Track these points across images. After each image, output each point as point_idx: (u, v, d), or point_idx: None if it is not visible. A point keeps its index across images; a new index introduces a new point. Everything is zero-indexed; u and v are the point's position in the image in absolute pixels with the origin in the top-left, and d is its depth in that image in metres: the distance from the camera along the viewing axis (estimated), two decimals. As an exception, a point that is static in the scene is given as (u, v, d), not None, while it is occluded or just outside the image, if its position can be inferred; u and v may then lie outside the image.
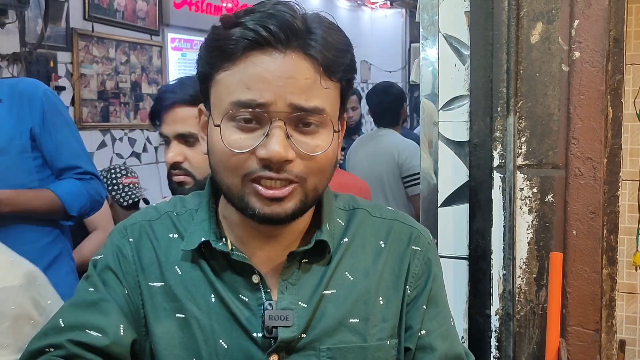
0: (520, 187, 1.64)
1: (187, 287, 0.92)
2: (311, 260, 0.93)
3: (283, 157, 0.82)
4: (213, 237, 0.92)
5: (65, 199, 1.86)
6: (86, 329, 0.90)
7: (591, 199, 1.56)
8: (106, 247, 0.97)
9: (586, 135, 1.55)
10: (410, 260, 0.98)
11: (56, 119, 1.88)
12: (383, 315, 0.94)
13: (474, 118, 1.69)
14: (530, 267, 1.65)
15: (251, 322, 0.90)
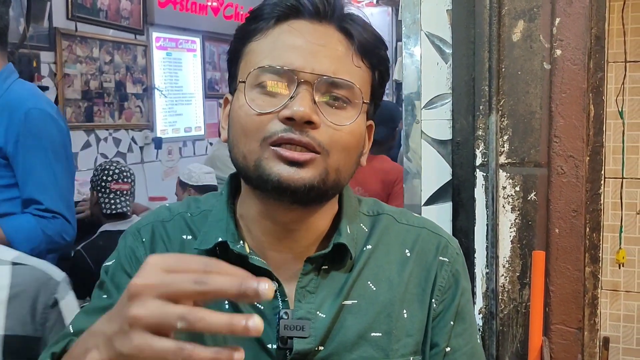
0: (503, 186, 1.64)
1: None
2: (331, 267, 0.88)
3: (307, 115, 0.78)
4: (231, 238, 0.87)
5: (13, 238, 1.67)
6: None
7: (573, 197, 1.56)
8: (119, 249, 0.94)
9: (568, 133, 1.55)
10: (437, 271, 0.92)
11: (31, 142, 1.70)
12: (407, 329, 0.89)
13: (457, 116, 1.68)
14: (513, 266, 1.65)
15: (266, 332, 0.84)
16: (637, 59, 2.01)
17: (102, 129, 4.43)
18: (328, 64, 0.81)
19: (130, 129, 4.71)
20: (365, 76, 0.86)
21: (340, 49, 0.83)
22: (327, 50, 0.82)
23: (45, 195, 1.72)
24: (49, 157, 1.73)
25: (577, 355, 1.55)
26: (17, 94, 1.72)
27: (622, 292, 2.11)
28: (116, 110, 4.57)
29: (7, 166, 1.69)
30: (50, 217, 1.72)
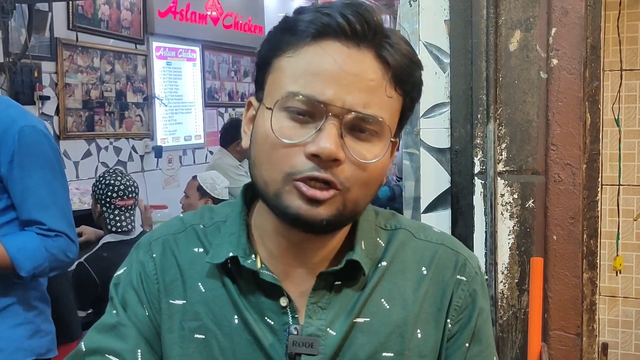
0: (501, 193, 1.66)
1: (209, 306, 0.87)
2: (344, 283, 0.86)
3: (334, 154, 0.76)
4: (242, 252, 0.85)
5: (16, 257, 1.63)
6: (106, 354, 0.87)
7: (571, 204, 1.58)
8: (131, 262, 0.93)
9: (565, 142, 1.57)
10: (453, 290, 0.89)
11: (28, 161, 1.65)
12: (420, 350, 0.86)
13: (455, 125, 1.70)
14: (512, 272, 1.67)
15: (275, 348, 0.84)
16: (633, 67, 2.04)
17: (102, 137, 4.46)
18: (359, 97, 0.77)
19: (130, 138, 4.73)
20: (395, 105, 0.82)
21: (374, 79, 0.78)
22: (360, 81, 0.78)
23: (46, 214, 1.68)
24: (47, 175, 1.69)
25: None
26: (4, 113, 1.66)
27: (620, 298, 2.13)
28: (117, 119, 4.59)
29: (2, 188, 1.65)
30: (54, 236, 1.69)
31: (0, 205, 1.66)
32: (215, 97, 5.81)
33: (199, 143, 5.59)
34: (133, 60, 4.73)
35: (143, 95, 4.85)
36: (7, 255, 1.62)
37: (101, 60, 4.40)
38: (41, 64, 3.82)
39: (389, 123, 0.80)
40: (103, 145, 4.46)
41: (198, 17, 5.42)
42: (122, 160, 4.64)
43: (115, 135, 4.56)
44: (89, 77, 4.28)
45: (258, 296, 0.86)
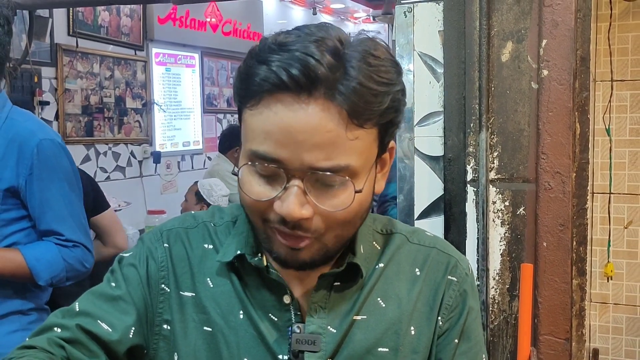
0: (493, 201, 1.69)
1: (217, 301, 0.91)
2: (343, 284, 0.91)
3: (297, 217, 0.78)
4: (249, 251, 0.90)
5: (34, 266, 1.66)
6: (99, 320, 0.90)
7: (560, 211, 1.61)
8: (137, 247, 0.97)
9: (555, 150, 1.60)
10: (445, 290, 0.93)
11: (47, 175, 1.68)
12: (414, 346, 0.91)
13: (448, 134, 1.74)
14: (503, 278, 1.70)
15: (278, 343, 0.88)
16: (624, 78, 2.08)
17: (101, 143, 4.49)
18: (317, 153, 0.76)
19: (129, 143, 4.76)
20: (366, 140, 0.80)
21: (332, 129, 0.76)
22: (316, 135, 0.76)
23: (65, 225, 1.71)
24: (65, 188, 1.72)
25: (565, 365, 1.60)
26: (22, 126, 1.68)
27: (611, 304, 2.16)
28: (116, 124, 4.63)
29: (18, 199, 1.68)
30: (71, 246, 1.73)
31: (15, 215, 1.69)
32: (214, 103, 5.85)
33: (198, 149, 5.62)
34: (132, 66, 4.77)
35: (142, 101, 4.89)
36: (27, 265, 1.65)
37: (101, 66, 4.44)
38: (41, 69, 3.86)
39: (359, 164, 0.79)
40: (102, 151, 4.49)
41: (197, 24, 5.46)
42: (120, 165, 4.67)
43: (114, 140, 4.60)
44: (88, 82, 4.32)
45: (263, 293, 0.90)
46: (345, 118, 0.76)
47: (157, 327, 0.93)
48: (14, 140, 1.65)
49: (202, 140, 5.66)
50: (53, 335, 0.90)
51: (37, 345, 0.89)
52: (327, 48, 0.76)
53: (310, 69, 0.74)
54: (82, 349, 0.90)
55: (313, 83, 0.75)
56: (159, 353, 0.93)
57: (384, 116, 0.80)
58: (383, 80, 0.78)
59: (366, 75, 0.77)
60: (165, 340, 0.93)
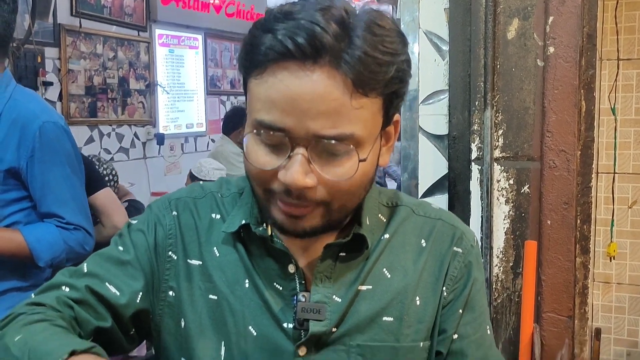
0: (497, 179, 1.69)
1: (223, 270, 0.92)
2: (349, 255, 0.91)
3: (301, 186, 0.78)
4: (254, 221, 0.91)
5: (35, 247, 1.66)
6: (107, 282, 0.91)
7: (565, 190, 1.61)
8: (145, 214, 0.97)
9: (560, 129, 1.60)
10: (450, 261, 0.94)
11: (49, 157, 1.66)
12: (419, 316, 0.92)
13: (453, 112, 1.73)
14: (507, 256, 1.70)
15: (283, 312, 0.89)
16: (630, 57, 2.07)
17: (105, 124, 4.48)
18: (323, 121, 0.76)
19: (133, 125, 4.76)
20: (370, 109, 0.80)
21: (337, 97, 0.76)
22: (321, 103, 0.76)
23: (66, 209, 1.71)
24: (66, 170, 1.71)
25: (568, 342, 1.61)
26: (25, 107, 1.67)
27: (614, 284, 2.16)
28: (119, 105, 4.62)
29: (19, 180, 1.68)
30: (72, 229, 1.72)
31: (15, 196, 1.69)
32: (217, 85, 5.83)
33: (201, 131, 5.62)
34: (136, 47, 4.76)
35: (145, 82, 4.88)
36: (27, 245, 1.65)
37: (104, 47, 4.42)
38: (44, 49, 3.85)
39: (364, 133, 0.79)
40: (105, 132, 4.49)
41: (201, 5, 5.43)
42: (124, 147, 4.67)
43: (117, 121, 4.59)
44: (91, 63, 4.30)
45: (268, 262, 0.91)
46: (350, 87, 0.76)
47: (163, 294, 0.94)
48: (16, 122, 1.64)
49: (205, 122, 5.66)
50: (62, 294, 0.90)
51: (46, 302, 0.89)
52: (333, 17, 0.76)
53: (316, 37, 0.75)
54: (89, 310, 0.90)
55: (318, 51, 0.75)
56: (164, 319, 0.94)
57: (388, 86, 0.80)
58: (388, 50, 0.78)
59: (371, 44, 0.77)
60: (171, 306, 0.94)
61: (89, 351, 0.78)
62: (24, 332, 0.82)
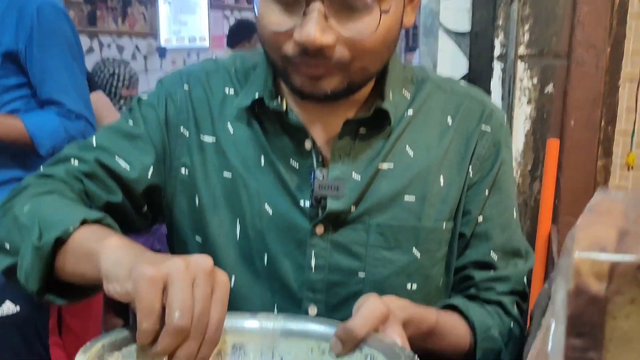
0: (520, 78, 1.62)
1: (237, 147, 0.87)
2: (369, 132, 0.85)
3: (318, 43, 0.73)
4: (268, 94, 0.85)
5: (36, 135, 1.62)
6: (116, 156, 0.87)
7: (592, 88, 1.54)
8: (156, 89, 0.92)
9: (591, 21, 1.52)
10: (477, 140, 0.88)
11: (48, 41, 1.60)
12: (442, 196, 0.87)
13: (477, 6, 1.64)
14: (525, 159, 1.65)
15: (300, 189, 0.84)
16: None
17: (105, 34, 4.36)
18: None
19: (134, 36, 4.63)
20: None
21: None
22: None
23: (66, 95, 1.66)
24: (67, 56, 1.65)
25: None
26: None
27: (629, 196, 2.13)
28: (119, 16, 4.48)
29: (18, 65, 1.62)
30: (74, 118, 1.67)
31: (15, 81, 1.64)
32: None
33: (204, 45, 5.48)
34: (136, -46, 4.58)
35: (146, -9, 4.72)
36: (27, 133, 1.61)
37: (104, -48, 4.25)
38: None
39: None
40: (105, 43, 4.37)
41: None
42: (125, 59, 4.56)
43: (118, 32, 4.47)
44: (91, -32, 4.15)
45: (283, 139, 0.86)
46: None
47: (175, 171, 0.89)
48: (13, 3, 1.58)
49: (208, 37, 5.51)
50: (70, 166, 0.86)
51: (55, 174, 0.85)
52: None
53: None
54: (99, 184, 0.87)
55: None
56: (177, 196, 0.90)
57: None
58: None
59: None
60: (183, 184, 0.89)
61: (100, 222, 0.74)
62: (33, 203, 0.78)
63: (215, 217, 0.87)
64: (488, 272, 0.90)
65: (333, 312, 0.86)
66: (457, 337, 0.84)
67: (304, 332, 0.71)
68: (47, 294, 0.73)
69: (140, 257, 0.62)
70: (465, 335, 0.85)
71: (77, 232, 0.71)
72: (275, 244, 0.85)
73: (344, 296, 0.85)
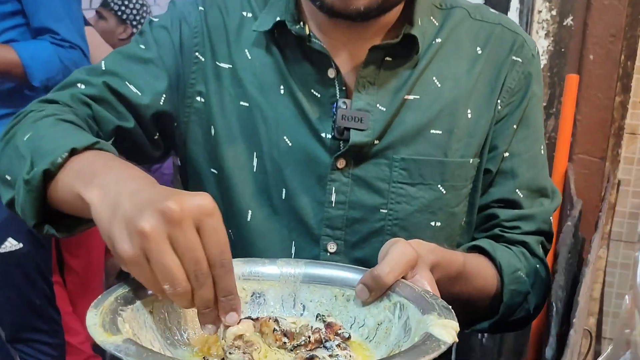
0: (539, 9, 1.55)
1: (255, 74, 0.82)
2: (396, 60, 0.81)
3: None
4: (290, 17, 0.80)
5: (29, 64, 1.55)
6: (127, 81, 0.82)
7: (613, 21, 1.48)
8: (169, 10, 0.87)
9: (615, -50, 1.44)
10: (508, 71, 0.85)
11: None
12: (469, 130, 0.83)
13: None
14: (540, 95, 1.60)
15: (321, 120, 0.80)
16: None
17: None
18: None
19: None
20: None
21: None
22: None
23: (60, 24, 1.59)
24: None
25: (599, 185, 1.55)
26: None
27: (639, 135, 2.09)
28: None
29: None
30: (68, 47, 1.61)
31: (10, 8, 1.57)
32: None
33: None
34: None
35: None
36: (21, 62, 1.55)
37: None
38: None
39: None
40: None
41: None
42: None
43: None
44: None
45: (305, 66, 0.81)
46: None
47: (189, 99, 0.85)
48: None
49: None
50: (77, 91, 0.82)
51: (59, 99, 0.80)
52: None
53: None
54: (109, 108, 0.82)
55: None
56: (191, 126, 0.85)
57: None
58: None
59: None
60: (198, 113, 0.85)
61: (92, 147, 0.67)
62: (32, 130, 0.74)
63: (230, 149, 0.83)
64: (513, 210, 0.87)
65: (353, 249, 0.83)
66: (485, 280, 0.82)
67: (327, 278, 0.68)
68: (46, 227, 0.69)
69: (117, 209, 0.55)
70: (493, 278, 0.83)
71: (69, 162, 0.65)
72: (293, 178, 0.82)
73: (365, 233, 0.82)
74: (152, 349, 0.52)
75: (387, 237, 0.82)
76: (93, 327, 0.51)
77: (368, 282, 0.63)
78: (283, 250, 0.83)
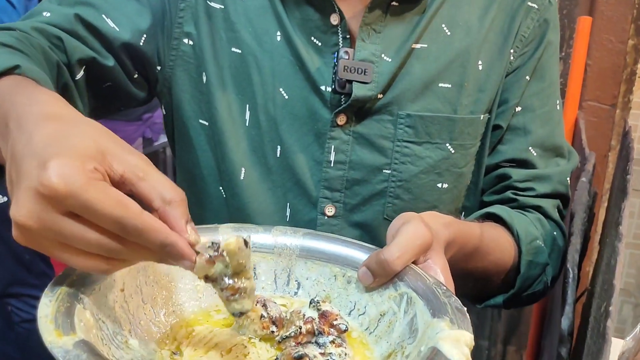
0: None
1: (249, 18, 0.74)
2: (402, 5, 0.74)
3: None
4: None
5: None
6: (104, 14, 0.74)
7: (629, -42, 1.38)
8: None
9: None
10: (522, 19, 0.78)
11: None
12: (481, 84, 0.77)
13: None
14: (549, 38, 1.51)
15: (321, 72, 0.74)
16: None
17: None
18: None
19: None
20: None
21: None
22: None
23: None
24: None
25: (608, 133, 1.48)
26: None
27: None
28: None
29: None
30: None
31: None
32: None
33: None
34: None
35: None
36: None
37: None
38: None
39: None
40: None
41: None
42: None
43: None
44: None
45: (305, 11, 0.74)
46: None
47: (176, 41, 0.76)
48: None
49: None
50: (42, 19, 0.72)
51: (18, 27, 0.69)
52: None
53: None
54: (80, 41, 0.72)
55: None
56: (177, 72, 0.78)
57: None
58: None
59: None
60: (185, 57, 0.77)
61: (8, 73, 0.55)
62: None
63: (223, 100, 0.75)
64: (526, 170, 0.80)
65: (352, 213, 0.77)
66: (502, 252, 0.75)
67: (327, 254, 0.59)
68: None
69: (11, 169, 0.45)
70: (510, 249, 0.76)
71: None
72: (289, 135, 0.75)
73: (366, 196, 0.76)
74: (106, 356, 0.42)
75: (390, 199, 0.76)
76: (44, 320, 0.43)
77: (373, 267, 0.55)
78: (277, 213, 0.77)
